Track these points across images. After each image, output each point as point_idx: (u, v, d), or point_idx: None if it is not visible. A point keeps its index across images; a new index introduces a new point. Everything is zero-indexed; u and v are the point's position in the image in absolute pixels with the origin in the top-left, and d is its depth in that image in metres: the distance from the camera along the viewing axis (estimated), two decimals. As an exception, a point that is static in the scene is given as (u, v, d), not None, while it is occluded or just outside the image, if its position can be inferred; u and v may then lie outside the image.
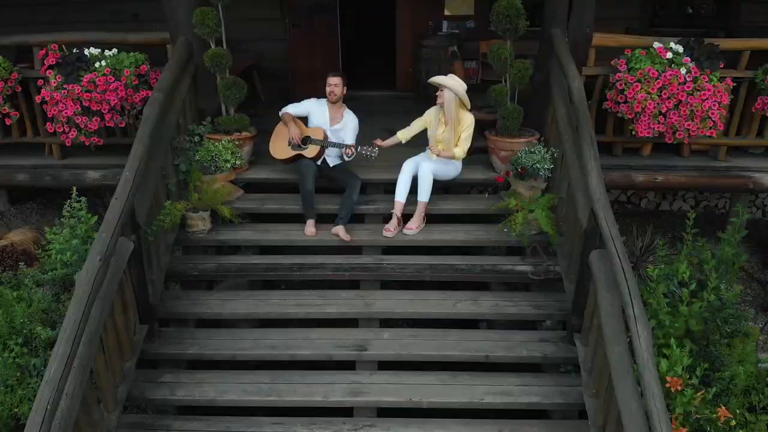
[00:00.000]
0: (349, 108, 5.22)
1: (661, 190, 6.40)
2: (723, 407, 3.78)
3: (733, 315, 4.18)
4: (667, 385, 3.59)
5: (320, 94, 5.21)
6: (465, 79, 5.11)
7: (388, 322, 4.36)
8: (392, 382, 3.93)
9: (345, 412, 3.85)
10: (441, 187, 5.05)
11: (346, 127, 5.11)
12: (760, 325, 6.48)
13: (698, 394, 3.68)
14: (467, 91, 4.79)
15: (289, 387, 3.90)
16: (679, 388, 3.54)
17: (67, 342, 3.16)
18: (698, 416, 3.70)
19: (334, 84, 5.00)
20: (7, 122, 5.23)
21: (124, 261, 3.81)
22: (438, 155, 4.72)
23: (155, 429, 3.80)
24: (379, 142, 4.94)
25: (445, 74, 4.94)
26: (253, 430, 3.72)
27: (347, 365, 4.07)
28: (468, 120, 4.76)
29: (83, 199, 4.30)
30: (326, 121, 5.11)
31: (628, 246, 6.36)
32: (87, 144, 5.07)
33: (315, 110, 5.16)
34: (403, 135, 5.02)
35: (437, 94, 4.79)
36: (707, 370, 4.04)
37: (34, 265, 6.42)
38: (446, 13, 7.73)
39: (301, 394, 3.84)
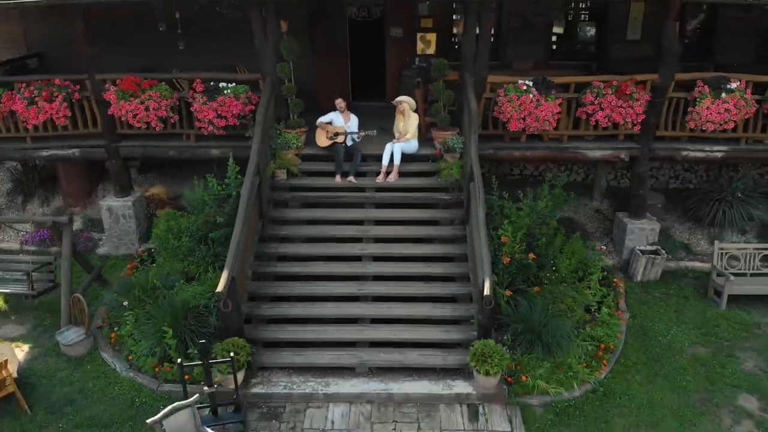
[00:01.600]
0: (354, 113, 9.59)
1: (529, 161, 10.76)
2: (531, 254, 8.12)
3: (543, 214, 8.54)
4: (500, 239, 7.95)
5: (335, 106, 9.55)
6: (428, 97, 9.42)
7: (378, 222, 8.71)
8: (380, 246, 8.33)
9: (357, 258, 8.23)
10: (409, 158, 9.36)
11: (353, 123, 9.48)
12: (603, 246, 10.79)
13: (517, 245, 8.03)
14: (426, 102, 9.15)
15: (330, 248, 8.31)
16: (505, 240, 7.89)
17: (242, 217, 7.50)
18: (518, 256, 8.04)
19: (337, 102, 9.44)
20: (171, 121, 9.53)
21: (255, 188, 8.15)
22: (400, 140, 9.15)
23: (269, 267, 8.17)
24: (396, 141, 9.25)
25: (415, 94, 9.39)
26: (313, 266, 8.09)
27: (357, 240, 8.45)
28: (414, 116, 9.22)
29: (232, 161, 8.58)
30: (342, 122, 9.46)
31: (521, 198, 10.65)
32: (216, 134, 9.36)
33: (335, 117, 9.52)
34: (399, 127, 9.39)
35: (397, 105, 9.14)
36: (530, 239, 8.38)
37: (165, 207, 10.75)
38: (418, 52, 12.02)
39: (336, 251, 8.24)
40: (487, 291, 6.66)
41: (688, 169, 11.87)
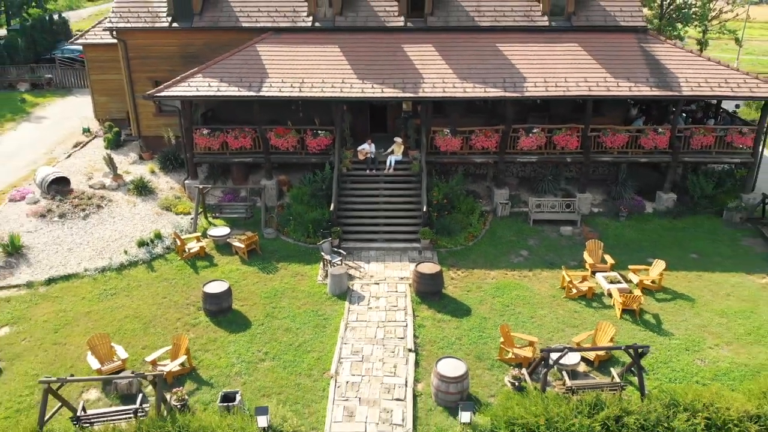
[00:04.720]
0: (374, 144, 22.44)
1: (453, 164, 23.70)
2: (446, 200, 20.97)
3: (454, 185, 21.42)
4: (433, 194, 20.82)
5: (366, 141, 22.39)
6: (407, 134, 22.26)
7: (386, 189, 21.54)
8: (386, 198, 21.20)
9: (376, 202, 21.13)
10: (398, 163, 22.14)
11: (373, 148, 22.33)
12: (483, 201, 23.72)
13: (441, 196, 20.92)
14: (406, 137, 22.03)
15: (364, 199, 21.18)
16: (435, 194, 20.77)
17: (335, 185, 20.53)
18: (441, 201, 20.94)
19: (369, 141, 22.32)
20: (297, 146, 22.34)
21: (337, 174, 20.97)
22: (394, 155, 22.09)
23: (343, 204, 21.05)
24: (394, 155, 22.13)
25: (401, 134, 22.28)
26: (359, 205, 20.98)
27: (376, 195, 21.34)
28: (401, 145, 22.11)
29: (327, 165, 21.38)
30: (370, 148, 22.29)
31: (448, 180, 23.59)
32: (315, 152, 22.15)
33: (366, 146, 22.37)
34: (395, 150, 22.27)
35: (395, 141, 22.08)
36: (447, 195, 21.29)
37: (286, 185, 23.65)
38: (404, 108, 24.77)
39: (367, 200, 21.14)
40: (424, 209, 19.52)
41: (541, 167, 24.74)
